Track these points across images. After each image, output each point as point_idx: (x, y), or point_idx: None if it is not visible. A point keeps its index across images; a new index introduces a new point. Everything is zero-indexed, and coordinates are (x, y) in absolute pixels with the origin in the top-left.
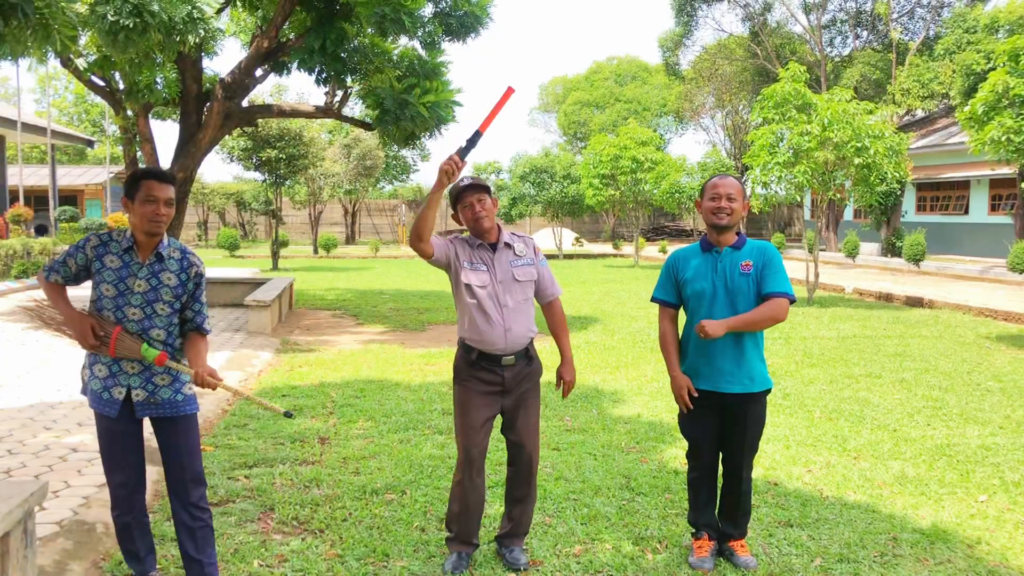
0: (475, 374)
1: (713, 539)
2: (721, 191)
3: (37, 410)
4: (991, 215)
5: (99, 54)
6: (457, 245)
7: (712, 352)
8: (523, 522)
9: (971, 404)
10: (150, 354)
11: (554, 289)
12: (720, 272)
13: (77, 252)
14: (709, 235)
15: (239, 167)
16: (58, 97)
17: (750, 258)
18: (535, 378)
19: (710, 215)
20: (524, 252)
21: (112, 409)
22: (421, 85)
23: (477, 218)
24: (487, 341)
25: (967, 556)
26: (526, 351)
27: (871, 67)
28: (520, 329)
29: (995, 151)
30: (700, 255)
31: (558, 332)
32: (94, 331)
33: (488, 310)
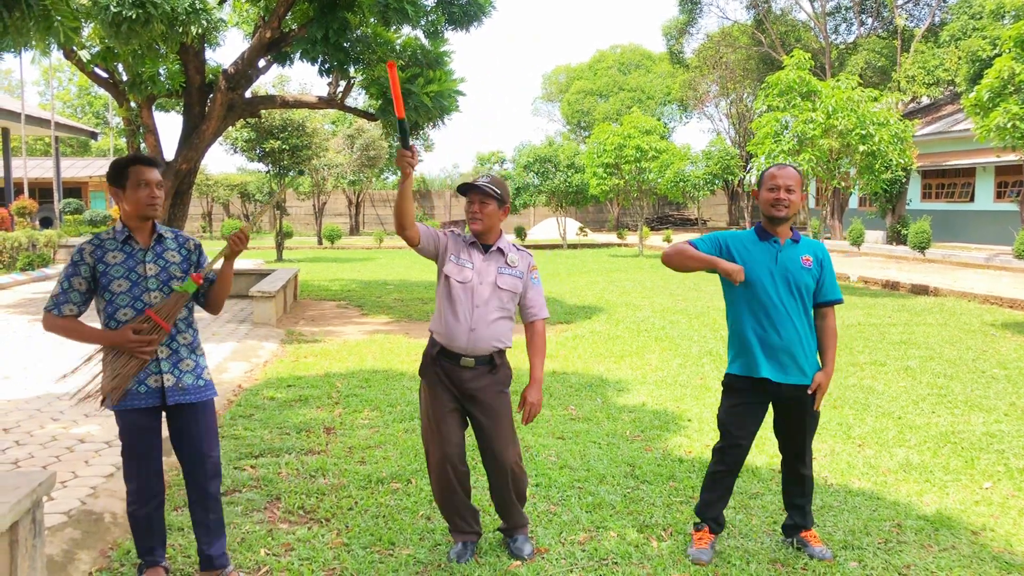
0: (435, 369)
1: (714, 532)
2: (780, 182)
3: (44, 401)
4: (997, 202)
5: (102, 46)
6: (450, 238)
7: (774, 342)
8: (514, 520)
9: (976, 391)
10: (189, 286)
11: (540, 311)
12: (781, 263)
13: (79, 266)
14: (765, 225)
15: (243, 158)
16: (62, 89)
17: (809, 254)
18: (500, 387)
19: (768, 206)
20: (516, 263)
21: (153, 399)
22: (424, 75)
23: (471, 218)
24: (450, 336)
25: (971, 542)
26: (490, 358)
27: (876, 54)
28: (486, 334)
29: (1000, 138)
30: (758, 243)
31: (533, 353)
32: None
33: (458, 306)
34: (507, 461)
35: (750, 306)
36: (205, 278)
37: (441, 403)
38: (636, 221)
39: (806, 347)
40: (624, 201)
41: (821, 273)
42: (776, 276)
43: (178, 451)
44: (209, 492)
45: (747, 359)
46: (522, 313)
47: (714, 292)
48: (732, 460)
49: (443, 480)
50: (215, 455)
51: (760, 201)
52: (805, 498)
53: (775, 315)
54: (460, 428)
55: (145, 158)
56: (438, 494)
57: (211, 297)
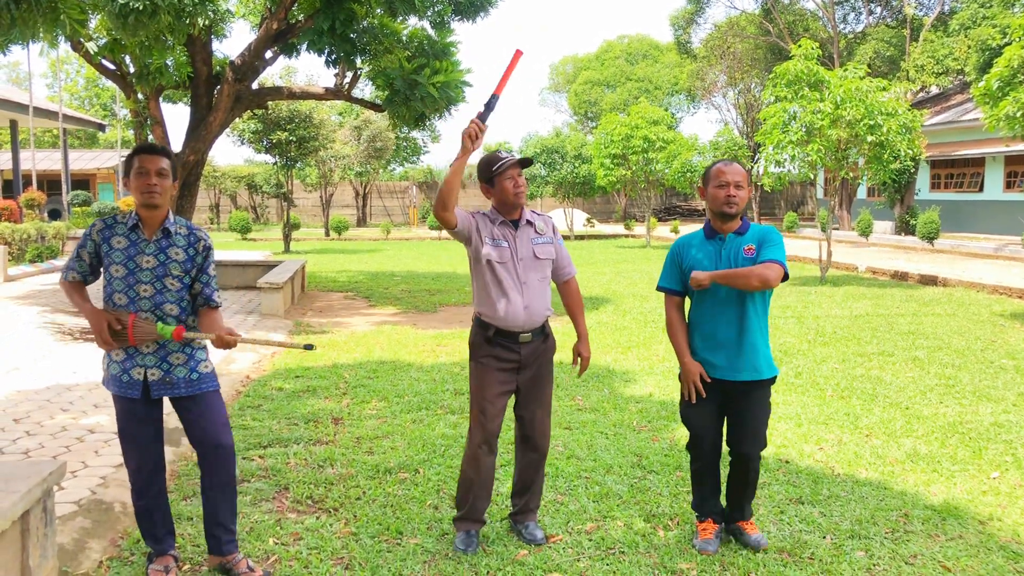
0: (492, 351)
1: (718, 522)
2: (729, 179)
3: (54, 392)
4: (1006, 192)
5: (109, 37)
6: (479, 220)
7: (719, 339)
8: (534, 498)
9: (984, 382)
10: (166, 331)
11: (570, 268)
12: (725, 259)
13: (86, 241)
14: (713, 222)
15: (250, 150)
16: (69, 81)
17: (753, 242)
18: (550, 355)
19: (720, 204)
20: (544, 230)
21: (134, 390)
22: (431, 65)
23: (518, 191)
24: (506, 318)
25: (979, 532)
26: (542, 328)
27: (885, 43)
28: (538, 307)
29: (1010, 127)
30: (704, 242)
31: (574, 310)
32: (110, 326)
33: (507, 287)
34: (547, 427)
35: (700, 307)
36: (184, 338)
37: (494, 385)
38: (643, 212)
39: (754, 343)
40: (631, 192)
41: (759, 250)
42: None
43: (191, 440)
44: (219, 479)
45: (696, 357)
46: (555, 275)
47: None
48: (704, 454)
49: (478, 461)
50: (226, 443)
51: (709, 198)
52: (749, 499)
53: (721, 313)
54: (504, 411)
55: (149, 147)
56: (469, 475)
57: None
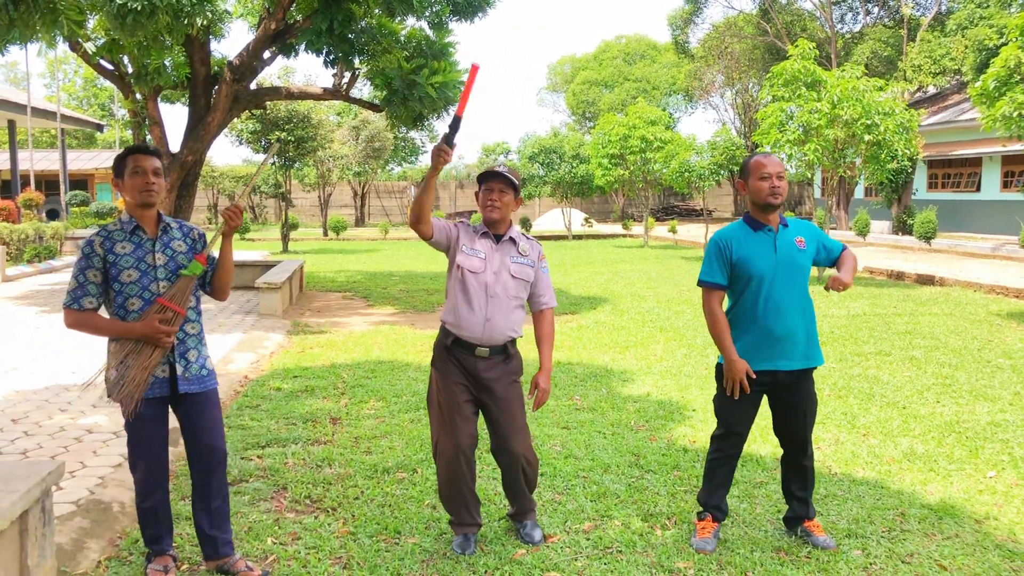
0: (449, 359)
1: (717, 520)
2: (771, 170)
3: (52, 392)
4: (1003, 192)
5: (107, 37)
6: (461, 229)
7: (774, 332)
8: (523, 506)
9: (981, 381)
10: (195, 268)
11: (549, 299)
12: (781, 250)
13: (91, 258)
14: (755, 214)
15: (248, 150)
16: (67, 81)
17: (800, 235)
18: (513, 376)
19: (764, 195)
20: (527, 252)
21: (162, 389)
22: (429, 66)
23: (488, 205)
24: (465, 327)
25: (975, 531)
26: (504, 348)
27: (882, 43)
28: (501, 324)
29: (1007, 127)
30: (752, 234)
31: (542, 340)
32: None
33: (472, 297)
34: (519, 450)
35: (755, 298)
36: (208, 258)
37: (454, 394)
38: (641, 212)
39: (808, 332)
40: (629, 192)
41: (817, 244)
42: (780, 265)
43: (186, 441)
44: (215, 480)
45: (742, 350)
46: (531, 302)
47: None
48: (730, 448)
49: (455, 471)
50: (221, 444)
51: (751, 191)
52: (807, 490)
53: (780, 304)
54: (474, 419)
55: (143, 147)
56: (446, 485)
57: (216, 282)
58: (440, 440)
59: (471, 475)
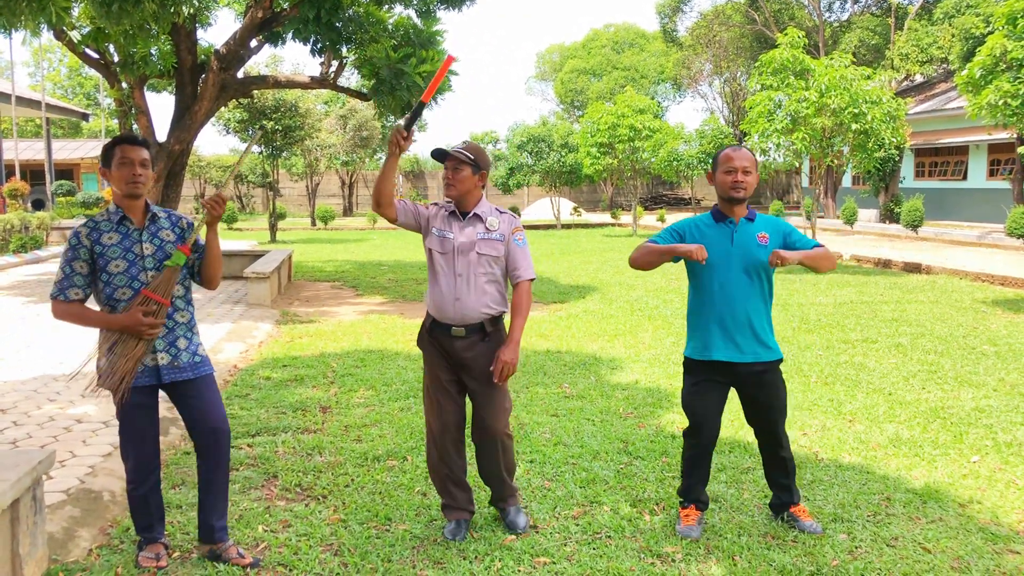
0: (431, 342)
1: (700, 509)
2: (737, 164)
3: (40, 382)
4: (989, 180)
5: (93, 26)
6: (432, 210)
7: (726, 323)
8: (501, 491)
9: (966, 367)
10: (179, 258)
11: (525, 272)
12: (737, 243)
13: (77, 249)
14: (722, 207)
15: (235, 139)
16: (52, 70)
17: (765, 231)
18: (492, 355)
19: (727, 188)
20: (495, 227)
21: (148, 377)
22: (417, 54)
23: (446, 183)
24: (438, 308)
25: (959, 515)
26: (481, 326)
27: (870, 32)
28: (471, 302)
29: (992, 115)
30: (714, 225)
31: (515, 313)
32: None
33: (441, 277)
34: (497, 430)
35: (708, 288)
36: (193, 248)
37: (438, 375)
38: (630, 201)
39: (763, 325)
40: (618, 181)
41: (787, 241)
42: (732, 256)
43: (189, 426)
44: (221, 462)
45: (702, 341)
46: (508, 275)
47: None
48: (702, 441)
49: (441, 451)
50: (224, 426)
51: (717, 184)
52: (788, 478)
53: (732, 296)
54: (459, 401)
55: (130, 137)
56: (434, 466)
57: (205, 272)
58: (429, 420)
59: (459, 456)
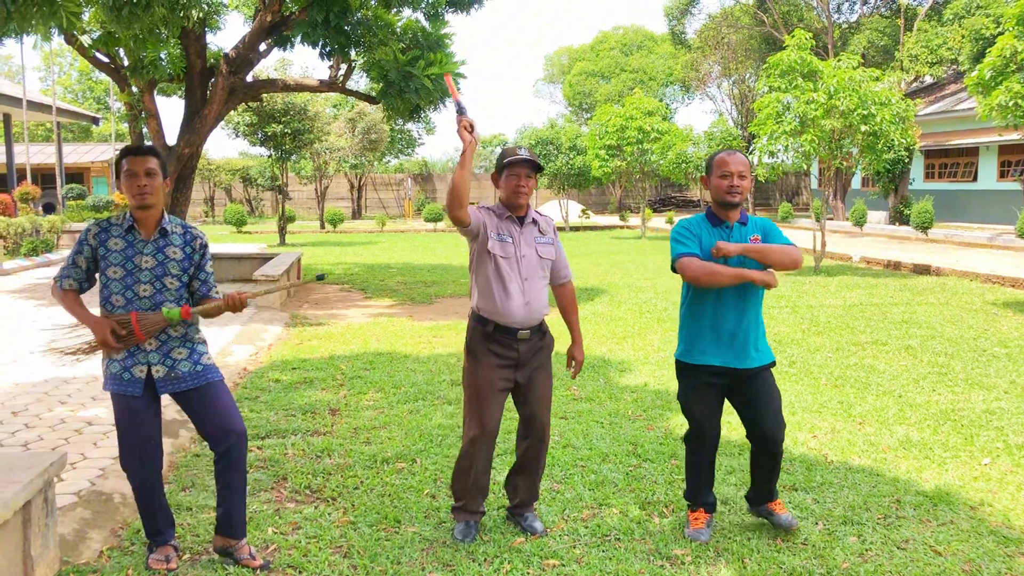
0: (490, 347)
1: (709, 512)
2: (732, 169)
3: (52, 384)
4: (1000, 182)
5: (103, 30)
6: (485, 215)
7: (720, 328)
8: (533, 492)
9: (977, 370)
10: (173, 313)
11: (567, 272)
12: None
13: (82, 246)
14: (716, 210)
15: (244, 142)
16: (63, 75)
17: (757, 232)
18: (548, 352)
19: (722, 193)
20: (547, 231)
21: (135, 387)
22: (425, 57)
23: (519, 191)
24: (505, 313)
25: (969, 517)
26: (540, 326)
27: (879, 33)
28: (538, 305)
29: (1003, 116)
30: (711, 229)
31: (570, 313)
32: (115, 332)
33: (509, 283)
34: (547, 424)
35: (701, 299)
36: (192, 314)
37: (493, 381)
38: (638, 203)
39: (757, 329)
40: (626, 183)
41: (765, 239)
42: (729, 261)
43: (199, 430)
44: (236, 464)
45: (695, 345)
46: (553, 276)
47: None
48: (704, 443)
49: (476, 456)
50: (238, 428)
51: (712, 188)
52: (774, 480)
53: (725, 300)
54: (502, 409)
55: (136, 148)
56: (464, 470)
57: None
58: (471, 425)
59: (489, 462)
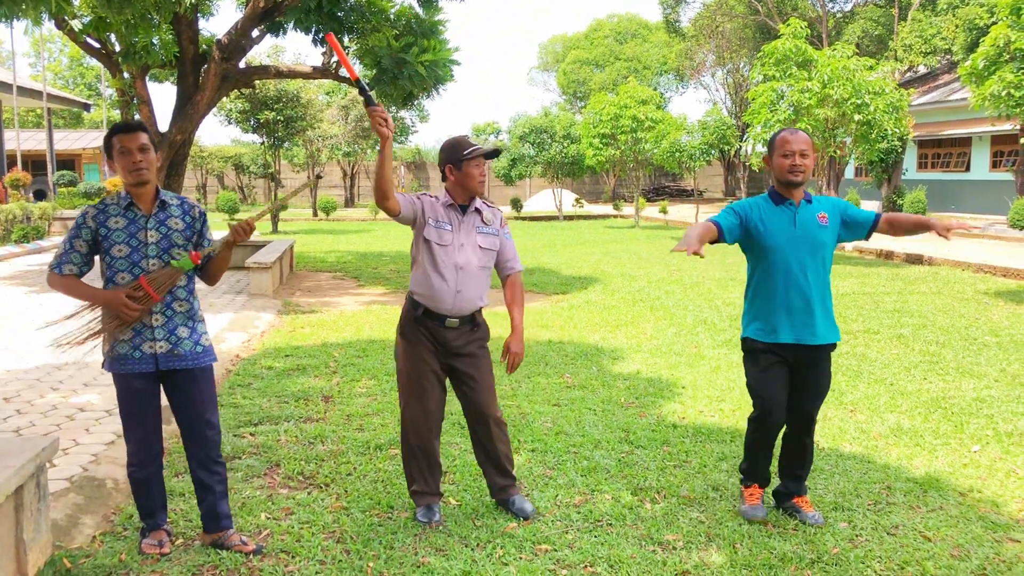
0: (418, 330)
1: (763, 487)
2: (794, 147)
3: (43, 371)
4: (992, 172)
5: (94, 15)
6: (426, 201)
7: (793, 305)
8: (507, 479)
9: (967, 358)
10: (184, 263)
11: (515, 264)
12: (800, 224)
13: (81, 229)
14: (779, 189)
15: (237, 129)
16: (53, 60)
17: (824, 210)
18: (482, 342)
19: (785, 172)
20: (491, 221)
21: (147, 365)
22: (419, 44)
23: (482, 179)
24: (435, 299)
25: (959, 503)
26: (472, 317)
27: (873, 22)
28: (470, 294)
29: (995, 106)
30: (774, 208)
31: (512, 304)
32: (130, 296)
33: (442, 269)
34: (492, 413)
35: (774, 271)
36: (203, 258)
37: (423, 363)
38: (632, 192)
39: (825, 308)
40: (620, 172)
41: (843, 217)
42: (797, 239)
43: (177, 417)
44: (209, 455)
45: (768, 324)
46: (498, 268)
47: (708, 263)
48: (772, 422)
49: (420, 436)
50: (214, 419)
51: (774, 167)
52: (804, 468)
53: (798, 278)
54: (441, 388)
55: (125, 125)
56: (411, 451)
57: (209, 271)
58: (407, 405)
59: (437, 440)
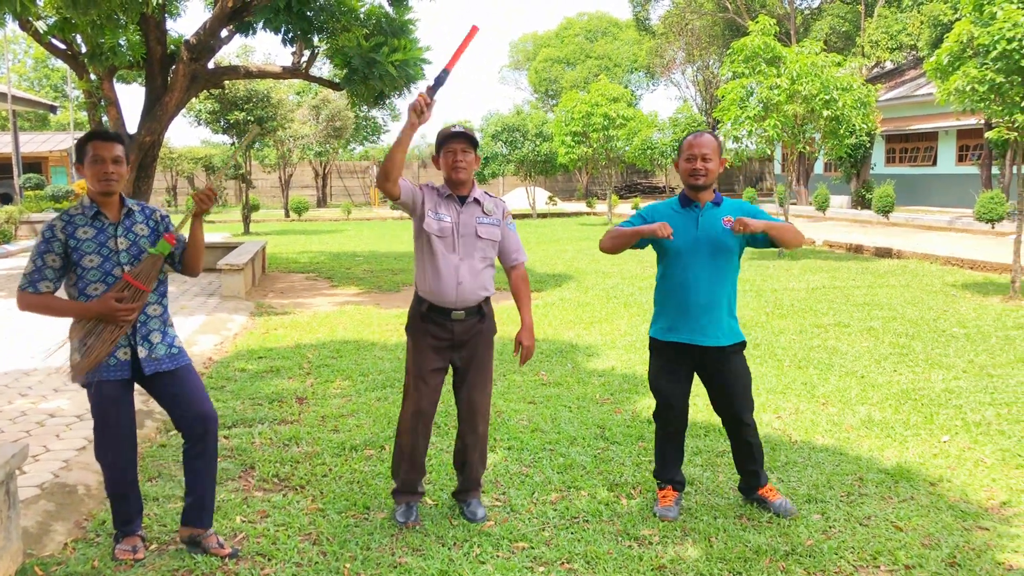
0: (425, 326)
1: (677, 490)
2: (696, 151)
3: (11, 377)
4: (959, 166)
5: (59, 16)
6: (425, 192)
7: (689, 306)
8: (472, 477)
9: (936, 350)
10: (163, 247)
11: (519, 255)
12: (702, 226)
13: (51, 243)
14: (687, 192)
15: (207, 130)
16: (17, 62)
17: (730, 214)
18: (487, 336)
19: (687, 176)
20: (492, 211)
21: (123, 371)
22: (389, 43)
23: (455, 166)
24: (437, 293)
25: (929, 493)
26: (478, 308)
27: (840, 19)
28: (472, 285)
29: (960, 101)
30: (681, 210)
31: (520, 297)
32: (119, 300)
33: (441, 261)
34: (484, 409)
35: (674, 272)
36: (177, 239)
37: (427, 360)
38: (605, 189)
39: (726, 309)
40: (593, 169)
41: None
42: (698, 241)
43: (174, 416)
44: (208, 441)
45: (667, 323)
46: (502, 259)
47: None
48: (672, 421)
49: (413, 433)
50: (211, 411)
51: (680, 171)
52: (756, 464)
53: (698, 280)
54: (438, 389)
55: (103, 133)
56: (402, 448)
57: (187, 260)
58: (408, 404)
59: (425, 442)
